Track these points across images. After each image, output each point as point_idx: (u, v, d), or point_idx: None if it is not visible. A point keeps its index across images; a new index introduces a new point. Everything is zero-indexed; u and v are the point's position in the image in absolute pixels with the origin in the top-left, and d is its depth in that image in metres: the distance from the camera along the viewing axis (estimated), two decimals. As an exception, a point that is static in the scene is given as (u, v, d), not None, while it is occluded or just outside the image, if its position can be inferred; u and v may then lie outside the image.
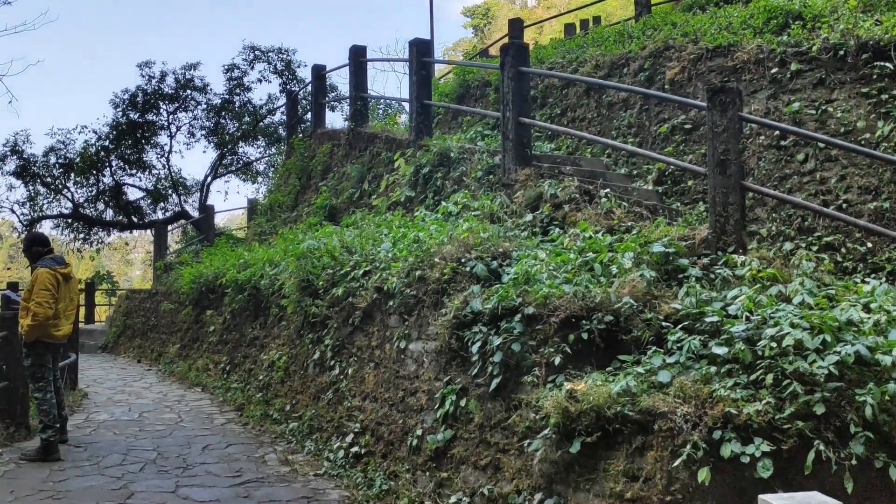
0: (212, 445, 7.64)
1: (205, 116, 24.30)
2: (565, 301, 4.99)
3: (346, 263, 7.55)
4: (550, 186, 7.25)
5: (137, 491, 6.07)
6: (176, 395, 10.67)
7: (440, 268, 6.06)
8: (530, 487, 4.75)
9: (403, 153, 10.01)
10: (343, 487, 6.28)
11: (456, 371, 5.64)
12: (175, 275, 14.34)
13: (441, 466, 5.59)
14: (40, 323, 6.93)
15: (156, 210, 25.50)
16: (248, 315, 10.37)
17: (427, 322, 6.07)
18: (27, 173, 24.02)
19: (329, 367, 7.64)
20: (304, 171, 14.26)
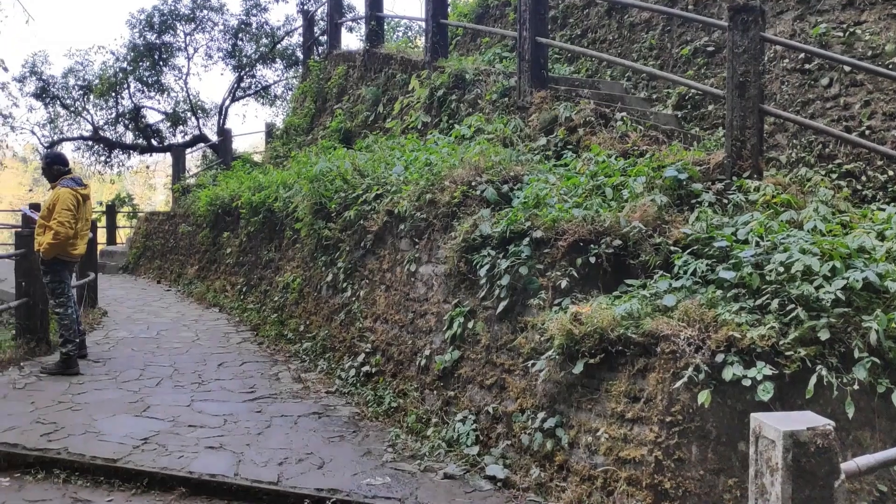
0: (227, 363, 7.81)
1: (222, 38, 23.99)
2: (574, 225, 4.95)
3: (359, 187, 7.52)
4: (566, 109, 7.10)
5: (153, 404, 6.25)
6: (194, 314, 10.86)
7: (451, 191, 6.02)
8: (534, 407, 4.82)
9: (419, 75, 9.83)
10: (353, 404, 6.42)
11: (464, 294, 5.66)
12: (192, 197, 14.40)
13: (448, 386, 5.68)
14: (60, 242, 7.01)
15: (175, 133, 25.49)
16: (263, 237, 10.44)
17: (437, 245, 6.07)
18: (47, 95, 24.01)
19: (341, 289, 7.70)
20: (320, 93, 14.09)
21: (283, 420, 5.97)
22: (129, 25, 23.16)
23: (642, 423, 4.04)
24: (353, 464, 5.06)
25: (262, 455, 5.15)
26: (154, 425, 5.71)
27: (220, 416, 6.02)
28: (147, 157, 27.51)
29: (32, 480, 4.93)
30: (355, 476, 4.84)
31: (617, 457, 4.14)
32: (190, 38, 23.77)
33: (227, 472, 4.82)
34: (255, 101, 25.94)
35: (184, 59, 24.14)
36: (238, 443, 5.38)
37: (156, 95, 24.60)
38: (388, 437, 5.61)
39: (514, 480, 4.72)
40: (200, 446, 5.29)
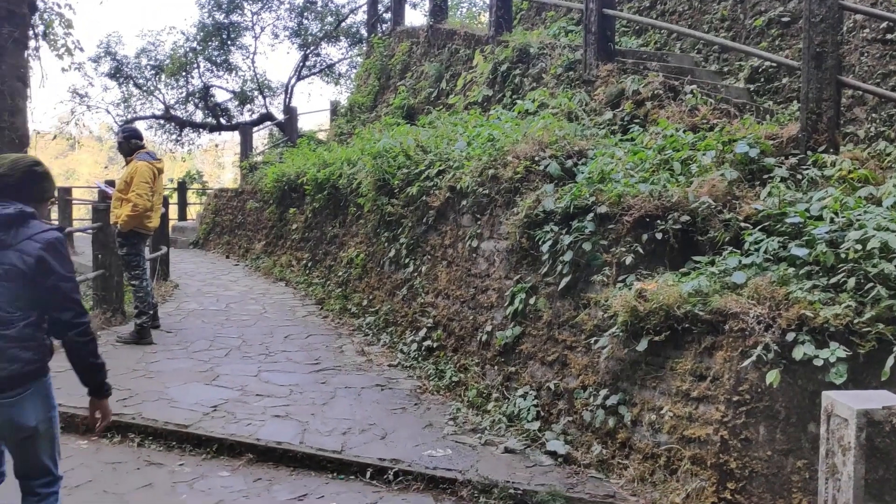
0: (293, 335, 7.99)
1: (288, 17, 24.29)
2: (640, 200, 4.85)
3: (421, 163, 7.53)
4: (633, 83, 6.95)
5: (222, 374, 6.44)
6: (261, 288, 11.12)
7: (513, 167, 5.98)
8: (596, 384, 4.78)
9: (482, 50, 9.75)
10: (415, 378, 6.49)
11: (526, 270, 5.63)
12: (260, 174, 14.68)
13: (509, 361, 5.68)
14: (139, 214, 7.23)
15: (242, 112, 26.00)
16: (328, 213, 10.58)
17: (499, 221, 6.05)
18: (120, 74, 24.76)
19: (404, 264, 7.76)
20: (384, 70, 14.13)
21: (346, 391, 6.08)
22: (199, 6, 23.67)
23: (708, 401, 3.96)
24: (414, 435, 5.13)
25: (326, 424, 5.26)
26: (223, 394, 5.89)
27: (286, 386, 6.17)
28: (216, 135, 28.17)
29: (109, 444, 5.16)
30: (417, 447, 4.91)
31: (681, 435, 4.08)
32: (257, 17, 24.15)
33: (293, 440, 4.94)
34: (319, 80, 26.26)
35: (251, 38, 24.59)
36: (303, 412, 5.51)
37: (224, 74, 25.14)
38: (450, 411, 5.65)
39: (576, 457, 4.71)
40: (267, 415, 5.43)
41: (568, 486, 4.36)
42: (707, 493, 3.87)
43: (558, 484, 4.37)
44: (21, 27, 16.92)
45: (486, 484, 4.36)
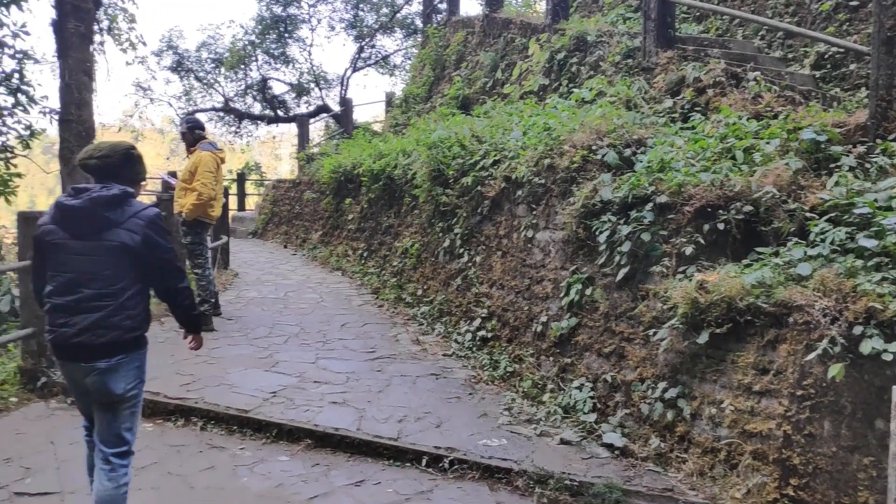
0: (349, 324, 8.09)
1: (344, 9, 24.46)
2: (701, 190, 4.76)
3: (476, 153, 7.52)
4: (694, 70, 6.80)
5: (281, 360, 6.57)
6: (318, 277, 11.28)
7: (570, 156, 5.92)
8: (654, 376, 4.72)
9: (538, 39, 9.67)
10: (469, 367, 6.50)
11: (582, 260, 5.58)
12: (316, 165, 14.87)
13: (565, 352, 5.64)
14: (203, 202, 7.40)
15: (299, 104, 26.34)
16: (383, 204, 10.66)
17: (554, 211, 6.01)
18: (182, 68, 25.32)
19: (458, 254, 7.77)
20: (439, 61, 14.14)
21: (401, 380, 6.13)
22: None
23: (771, 395, 3.88)
24: (469, 424, 5.15)
25: (382, 412, 5.32)
26: (282, 380, 6.01)
27: (342, 373, 6.25)
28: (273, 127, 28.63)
29: (173, 427, 5.32)
30: (472, 436, 4.92)
31: (742, 430, 4.01)
32: (313, 9, 24.39)
33: (350, 427, 5.01)
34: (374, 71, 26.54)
35: (308, 30, 24.97)
36: (360, 399, 5.58)
37: (281, 67, 25.48)
38: (504, 401, 5.65)
39: (633, 449, 4.66)
40: (325, 401, 5.52)
41: (625, 478, 4.32)
42: (769, 488, 3.79)
43: (615, 476, 4.33)
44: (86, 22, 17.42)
45: (541, 474, 4.35)
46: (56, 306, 3.24)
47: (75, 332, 3.19)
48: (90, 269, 3.20)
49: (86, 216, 3.19)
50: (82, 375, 3.26)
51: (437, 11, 17.52)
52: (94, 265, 3.20)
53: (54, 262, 3.25)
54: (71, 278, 3.21)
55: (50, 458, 4.69)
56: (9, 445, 4.88)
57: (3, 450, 4.80)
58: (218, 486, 4.34)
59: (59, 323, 3.23)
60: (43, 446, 4.89)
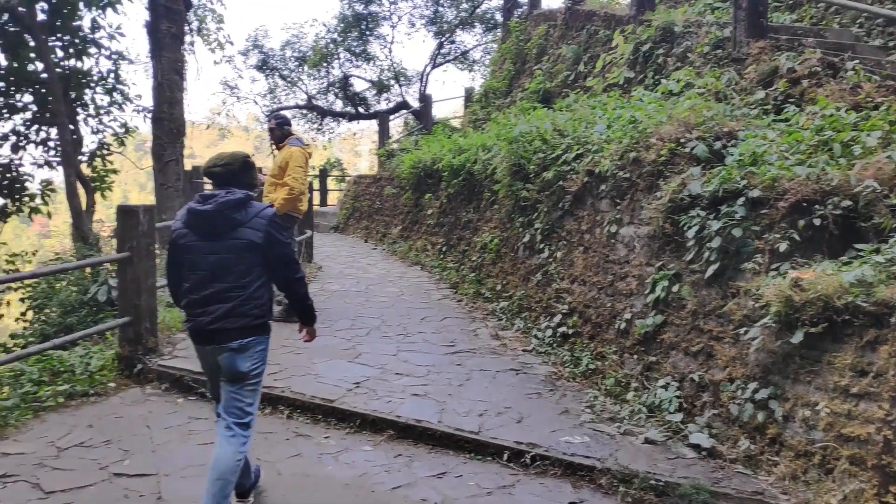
0: (429, 317, 8.15)
1: (424, 5, 24.60)
2: (796, 184, 4.57)
3: (558, 147, 7.44)
4: (787, 60, 6.54)
5: (364, 352, 6.67)
6: (398, 271, 11.40)
7: (657, 149, 5.79)
8: (744, 376, 4.57)
9: (623, 30, 9.49)
10: (550, 364, 6.45)
11: (669, 256, 5.45)
12: (397, 161, 15.02)
13: (649, 350, 5.53)
14: (294, 197, 7.53)
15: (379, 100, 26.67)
16: (462, 199, 10.69)
17: (640, 206, 5.89)
18: (267, 67, 26.02)
19: (538, 250, 7.72)
20: (519, 55, 14.05)
21: (481, 374, 6.13)
22: (339, -3, 24.42)
23: (870, 398, 3.70)
24: (550, 421, 5.11)
25: (462, 406, 5.34)
26: (365, 371, 6.10)
27: (423, 366, 6.30)
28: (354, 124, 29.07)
29: (261, 414, 5.46)
30: (553, 433, 4.88)
31: (838, 433, 3.84)
32: (394, 6, 24.63)
33: (431, 419, 5.05)
34: (454, 67, 26.48)
35: (388, 27, 25.15)
36: (440, 392, 5.62)
37: (362, 64, 25.86)
38: (586, 399, 5.59)
39: (721, 451, 4.53)
40: (406, 393, 5.58)
41: (713, 480, 4.21)
42: (867, 495, 3.62)
43: (702, 478, 4.22)
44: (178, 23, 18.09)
45: (626, 473, 4.28)
46: (193, 301, 3.63)
47: (211, 320, 3.57)
48: (221, 266, 3.57)
49: (215, 218, 3.56)
50: (215, 355, 3.66)
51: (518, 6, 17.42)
52: (225, 262, 3.57)
53: (189, 262, 3.63)
54: (205, 275, 3.59)
55: (146, 442, 4.89)
56: (108, 428, 5.12)
57: (103, 432, 5.04)
58: (304, 474, 4.44)
59: (196, 313, 3.63)
60: (139, 430, 5.11)
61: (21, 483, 4.23)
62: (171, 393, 5.93)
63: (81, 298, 11.91)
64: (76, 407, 5.58)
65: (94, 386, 5.95)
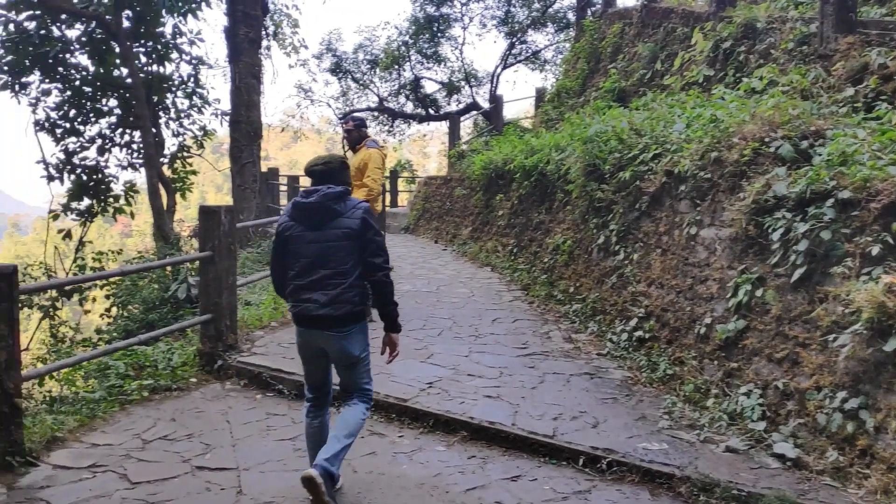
0: (500, 319, 8.11)
1: (496, 6, 24.57)
2: (890, 185, 4.36)
3: (635, 146, 7.30)
4: (879, 55, 6.25)
5: (436, 352, 6.69)
6: (468, 272, 11.40)
7: (739, 149, 5.61)
8: (832, 385, 4.38)
9: (702, 27, 9.25)
10: (626, 368, 6.33)
11: (752, 259, 5.28)
12: (467, 162, 15.03)
13: (731, 356, 5.36)
14: (373, 198, 7.62)
15: (450, 102, 26.77)
16: (534, 200, 10.61)
17: (721, 207, 5.72)
18: (340, 70, 26.44)
19: (613, 251, 7.59)
20: (593, 54, 13.88)
21: (555, 377, 6.07)
22: (412, 0, 24.62)
23: (975, 412, 3.49)
24: (627, 427, 5.01)
25: (536, 409, 5.29)
26: (437, 371, 6.12)
27: (495, 367, 6.28)
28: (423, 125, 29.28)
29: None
30: (630, 439, 4.79)
31: (939, 448, 3.63)
32: (466, 7, 24.69)
33: (505, 421, 5.02)
34: (524, 67, 26.36)
35: (460, 29, 25.20)
36: (513, 395, 5.58)
37: (433, 66, 26.01)
38: (664, 404, 5.46)
39: (807, 461, 4.35)
40: (479, 394, 5.57)
41: (798, 492, 4.05)
42: (971, 515, 3.41)
43: (787, 489, 4.06)
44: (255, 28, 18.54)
45: (706, 482, 4.16)
46: (299, 286, 3.93)
47: (318, 307, 3.87)
48: (324, 253, 3.89)
49: (319, 209, 3.92)
50: (323, 342, 3.97)
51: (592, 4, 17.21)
52: (327, 249, 3.90)
53: (294, 251, 3.96)
54: (309, 262, 3.91)
55: (226, 436, 5.02)
56: (190, 422, 5.28)
57: (186, 426, 5.20)
58: (379, 472, 4.48)
59: (302, 299, 3.92)
60: (219, 424, 5.25)
61: (110, 473, 4.40)
62: (250, 389, 6.07)
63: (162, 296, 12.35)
64: (160, 401, 5.77)
65: (177, 381, 6.15)
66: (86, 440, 4.92)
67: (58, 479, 4.30)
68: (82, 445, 4.83)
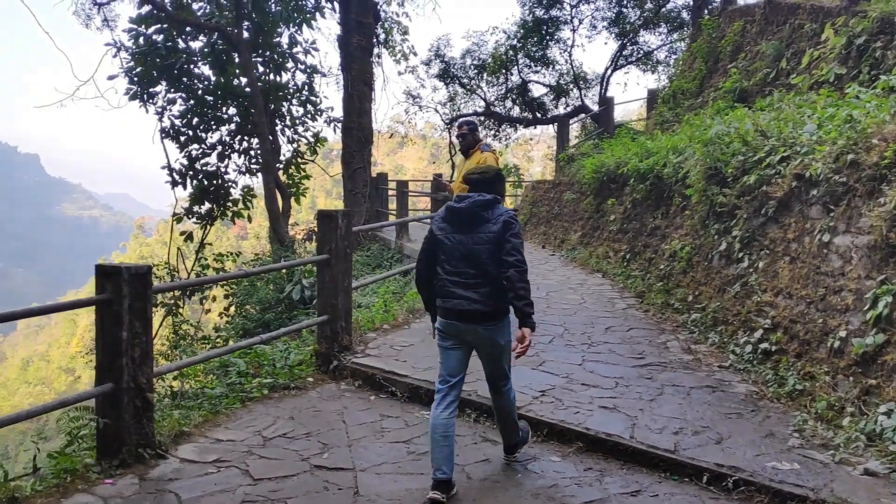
0: (614, 327, 7.90)
1: (606, 7, 24.11)
2: None
3: (761, 149, 6.95)
4: None
5: (548, 360, 6.58)
6: (578, 278, 11.19)
7: (879, 150, 5.23)
8: None
9: (832, 23, 8.72)
10: (750, 382, 6.02)
11: (893, 269, 4.90)
12: (577, 166, 14.80)
13: (868, 373, 4.99)
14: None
15: (557, 105, 26.45)
16: (649, 204, 10.30)
17: (858, 213, 5.35)
18: (447, 75, 26.62)
19: (736, 259, 7.24)
20: (711, 53, 13.37)
21: (674, 389, 5.84)
22: (520, 4, 24.51)
23: None
24: (753, 444, 4.75)
25: (655, 422, 5.10)
26: (549, 379, 6.01)
27: (610, 377, 6.11)
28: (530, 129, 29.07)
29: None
30: (758, 457, 4.53)
31: None
32: (575, 10, 24.34)
33: (623, 434, 4.86)
34: (635, 69, 25.72)
35: (569, 31, 24.83)
36: (630, 406, 5.40)
37: (541, 69, 25.76)
38: (793, 422, 5.14)
39: (961, 491, 3.98)
40: (594, 405, 5.42)
41: (952, 524, 3.71)
42: None
43: (939, 520, 3.73)
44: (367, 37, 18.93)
45: (845, 508, 3.88)
46: (449, 283, 4.25)
47: (468, 303, 4.19)
48: (472, 254, 4.19)
49: (468, 215, 4.24)
50: (471, 335, 4.26)
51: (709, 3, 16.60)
52: (475, 251, 4.19)
53: (445, 251, 4.29)
54: (459, 262, 4.23)
55: (342, 436, 5.10)
56: (307, 421, 5.40)
57: (304, 424, 5.32)
58: (493, 480, 4.43)
59: (454, 295, 4.23)
60: (336, 424, 5.34)
61: (233, 468, 4.55)
62: (364, 390, 6.16)
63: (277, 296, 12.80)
64: (278, 399, 5.94)
65: (294, 380, 6.32)
66: (210, 435, 5.11)
67: (185, 472, 4.48)
68: (207, 440, 5.01)
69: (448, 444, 4.12)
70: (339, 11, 17.83)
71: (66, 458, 4.47)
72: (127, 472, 4.40)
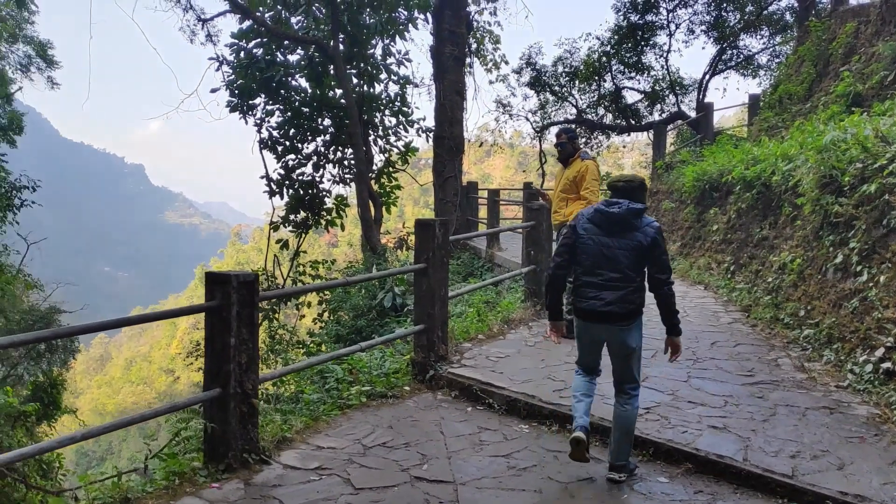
0: (720, 342, 7.57)
1: (705, 11, 23.37)
2: None
3: (882, 156, 6.51)
4: None
5: (651, 375, 6.35)
6: (678, 290, 10.64)
7: None
8: None
9: (962, 20, 8.13)
10: (871, 404, 5.62)
11: None
12: (676, 174, 14.35)
13: None
14: None
15: (652, 112, 25.81)
16: (755, 214, 9.85)
17: None
18: (538, 83, 26.40)
19: (854, 272, 6.80)
20: (821, 56, 12.72)
21: (788, 410, 5.52)
22: (614, 9, 24.07)
23: None
24: (879, 471, 4.42)
25: (770, 444, 4.82)
26: (654, 396, 5.79)
27: (719, 396, 5.84)
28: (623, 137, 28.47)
29: (547, 431, 5.42)
30: (886, 486, 4.22)
31: None
32: (672, 14, 23.71)
33: (735, 456, 4.63)
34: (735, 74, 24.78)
35: (665, 36, 24.19)
36: (742, 427, 5.14)
37: (635, 75, 25.17)
38: (925, 449, 4.75)
39: None
40: (703, 424, 5.19)
41: None
42: None
43: None
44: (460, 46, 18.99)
45: None
46: (587, 283, 4.41)
47: (605, 304, 4.34)
48: (615, 258, 4.34)
49: (619, 220, 4.37)
50: (605, 334, 4.46)
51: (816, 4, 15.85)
52: (619, 256, 4.33)
53: (588, 251, 4.43)
54: (600, 264, 4.37)
55: (440, 448, 5.04)
56: (406, 431, 5.37)
57: (402, 434, 5.30)
58: (598, 499, 4.28)
59: (590, 295, 4.40)
60: (434, 435, 5.29)
61: (335, 476, 4.56)
62: (461, 401, 6.09)
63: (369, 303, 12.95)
64: (376, 407, 5.95)
65: (391, 388, 6.32)
66: (311, 442, 5.15)
67: (288, 478, 4.52)
68: (308, 447, 5.06)
69: (588, 399, 4.57)
70: (432, 22, 17.95)
71: (174, 461, 4.59)
72: (232, 476, 4.48)
